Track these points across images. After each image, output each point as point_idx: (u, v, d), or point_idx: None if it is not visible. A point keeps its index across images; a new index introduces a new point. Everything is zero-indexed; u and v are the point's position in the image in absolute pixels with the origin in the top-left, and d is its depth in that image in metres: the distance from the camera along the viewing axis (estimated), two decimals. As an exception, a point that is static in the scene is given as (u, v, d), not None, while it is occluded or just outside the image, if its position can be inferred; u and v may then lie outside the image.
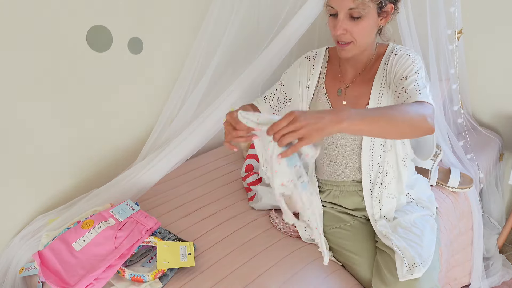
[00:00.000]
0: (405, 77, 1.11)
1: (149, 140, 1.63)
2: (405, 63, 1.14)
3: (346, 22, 1.08)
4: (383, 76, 1.19)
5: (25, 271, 1.26)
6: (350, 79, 1.25)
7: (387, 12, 1.11)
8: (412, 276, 1.07)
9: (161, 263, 1.17)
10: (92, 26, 1.41)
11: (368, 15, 1.08)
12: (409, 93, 1.06)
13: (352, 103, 1.24)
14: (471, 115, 2.10)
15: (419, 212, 1.29)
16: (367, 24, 1.09)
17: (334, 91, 1.27)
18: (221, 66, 1.60)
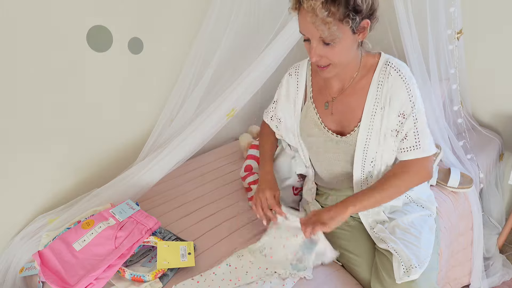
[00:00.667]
0: (403, 115, 1.13)
1: (149, 140, 1.63)
2: (401, 93, 1.11)
3: (321, 48, 1.04)
4: (377, 96, 1.15)
5: (25, 271, 1.26)
6: (337, 92, 1.21)
7: (363, 28, 1.05)
8: (408, 278, 1.07)
9: (161, 263, 1.17)
10: (92, 26, 1.41)
11: (342, 38, 1.02)
12: (409, 143, 1.14)
13: (340, 118, 1.22)
14: (471, 115, 2.10)
15: (418, 212, 1.28)
16: (342, 47, 1.04)
17: (322, 105, 1.24)
18: (221, 66, 1.60)
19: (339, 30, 1.00)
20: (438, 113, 1.63)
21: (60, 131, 1.46)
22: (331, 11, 0.96)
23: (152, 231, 1.29)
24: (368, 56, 1.17)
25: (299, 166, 1.50)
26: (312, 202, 1.38)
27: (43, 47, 1.32)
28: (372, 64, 1.16)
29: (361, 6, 0.98)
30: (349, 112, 1.20)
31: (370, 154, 1.19)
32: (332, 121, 1.23)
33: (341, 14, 0.97)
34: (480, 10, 1.91)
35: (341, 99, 1.21)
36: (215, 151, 1.95)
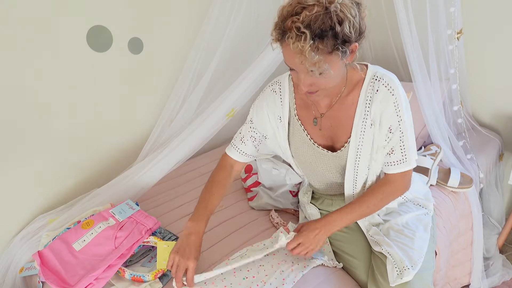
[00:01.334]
0: (390, 129, 1.11)
1: (149, 140, 1.63)
2: (389, 108, 1.08)
3: (309, 79, 0.99)
4: (365, 111, 1.11)
5: (25, 271, 1.26)
6: (325, 108, 1.17)
7: (352, 51, 0.98)
8: (401, 280, 1.07)
9: (161, 263, 1.17)
10: (92, 26, 1.41)
11: (331, 68, 0.95)
12: (395, 157, 1.14)
13: (329, 134, 1.19)
14: (471, 115, 2.10)
15: (414, 212, 1.28)
16: (332, 75, 0.97)
17: (309, 121, 1.20)
18: (221, 66, 1.60)
19: (327, 62, 0.93)
20: (438, 113, 1.63)
21: (60, 131, 1.46)
22: (319, 48, 0.90)
23: (152, 231, 1.29)
24: (354, 71, 1.12)
25: (293, 176, 1.51)
26: (308, 206, 1.38)
27: (43, 47, 1.32)
28: (358, 78, 1.12)
29: (350, 36, 0.92)
30: (338, 127, 1.17)
31: (361, 168, 1.18)
32: (321, 137, 1.21)
33: (330, 47, 0.91)
34: (480, 10, 1.91)
35: (329, 115, 1.17)
36: (215, 151, 1.95)
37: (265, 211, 1.50)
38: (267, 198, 1.48)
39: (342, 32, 0.90)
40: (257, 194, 1.52)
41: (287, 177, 1.53)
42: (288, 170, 1.55)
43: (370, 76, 1.11)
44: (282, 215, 1.47)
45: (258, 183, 1.57)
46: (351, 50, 0.97)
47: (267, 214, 1.48)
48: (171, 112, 1.65)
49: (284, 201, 1.48)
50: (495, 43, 1.93)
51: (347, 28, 0.90)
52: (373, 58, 2.23)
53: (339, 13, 0.89)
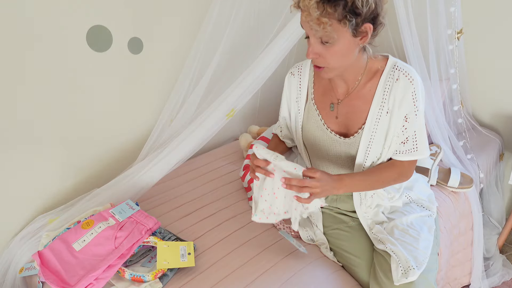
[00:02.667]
0: (405, 119, 1.13)
1: (149, 140, 1.63)
2: (408, 97, 1.10)
3: (318, 47, 1.02)
4: (383, 100, 1.13)
5: (25, 271, 1.26)
6: (343, 94, 1.20)
7: (365, 32, 1.01)
8: (406, 280, 1.07)
9: (161, 263, 1.17)
10: (92, 26, 1.41)
11: (340, 39, 0.99)
12: (408, 147, 1.16)
13: (344, 120, 1.21)
14: (471, 115, 2.10)
15: (418, 213, 1.28)
16: (339, 49, 1.01)
17: (326, 106, 1.23)
18: (221, 66, 1.60)
19: (336, 30, 0.97)
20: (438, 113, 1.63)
21: (60, 131, 1.46)
22: (327, 11, 0.94)
23: (152, 231, 1.29)
24: (374, 60, 1.15)
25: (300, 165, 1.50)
26: None
27: (43, 47, 1.32)
28: (378, 68, 1.14)
29: (361, 9, 0.95)
30: (353, 115, 1.19)
31: (371, 157, 1.19)
32: (336, 123, 1.22)
33: (339, 14, 0.95)
34: (480, 10, 1.91)
35: (346, 102, 1.19)
36: (215, 151, 1.95)
37: (265, 211, 1.50)
38: None
39: (353, 2, 0.94)
40: None
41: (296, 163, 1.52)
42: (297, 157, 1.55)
43: (391, 65, 1.13)
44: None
45: None
46: (364, 29, 1.00)
47: (267, 214, 1.48)
48: (171, 112, 1.65)
49: None
50: (495, 43, 1.93)
51: (358, 1, 0.94)
52: (373, 58, 2.22)
53: None
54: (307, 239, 1.35)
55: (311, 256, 1.28)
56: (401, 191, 1.30)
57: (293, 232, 1.37)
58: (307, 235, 1.36)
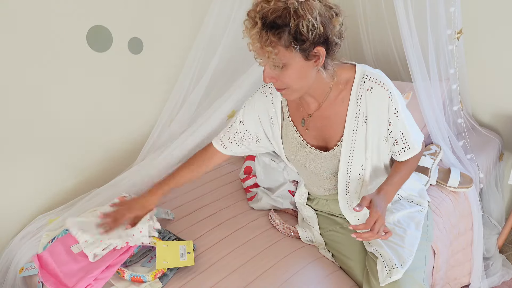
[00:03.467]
0: (389, 123, 1.11)
1: (149, 140, 1.63)
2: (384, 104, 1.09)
3: (271, 71, 1.01)
4: (357, 110, 1.11)
5: (25, 271, 1.26)
6: (313, 109, 1.17)
7: (317, 56, 0.98)
8: (390, 279, 1.07)
9: (161, 263, 1.17)
10: (92, 26, 1.41)
11: (292, 64, 0.97)
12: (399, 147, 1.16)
13: (320, 134, 1.19)
14: (471, 115, 2.10)
15: (407, 209, 1.27)
16: (293, 72, 0.99)
17: (299, 122, 1.21)
18: (221, 66, 1.60)
19: (284, 57, 0.96)
20: (438, 113, 1.63)
21: (60, 131, 1.46)
22: (271, 40, 0.93)
23: (152, 231, 1.29)
24: (341, 71, 1.11)
25: (291, 172, 1.51)
26: (304, 207, 1.39)
27: (43, 47, 1.32)
28: (348, 78, 1.11)
29: (306, 35, 0.92)
30: (329, 128, 1.17)
31: (354, 167, 1.18)
32: (313, 137, 1.20)
33: (285, 41, 0.93)
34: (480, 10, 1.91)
35: (318, 115, 1.17)
36: (215, 151, 1.95)
37: (265, 211, 1.51)
38: (266, 198, 1.48)
39: (296, 29, 0.92)
40: (256, 195, 1.52)
41: (285, 172, 1.53)
42: (285, 168, 1.55)
43: (360, 74, 1.10)
44: (281, 215, 1.48)
45: (258, 185, 1.57)
46: (316, 53, 0.97)
47: (267, 214, 1.48)
48: (171, 112, 1.65)
49: (283, 201, 1.48)
50: (495, 43, 1.93)
51: (303, 27, 0.91)
52: (373, 58, 2.22)
53: (297, 10, 0.91)
54: (306, 240, 1.35)
55: (310, 257, 1.29)
56: None
57: (293, 232, 1.38)
58: (306, 236, 1.36)
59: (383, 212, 1.04)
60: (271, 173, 1.55)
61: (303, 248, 1.32)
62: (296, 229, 1.38)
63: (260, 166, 1.56)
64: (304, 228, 1.37)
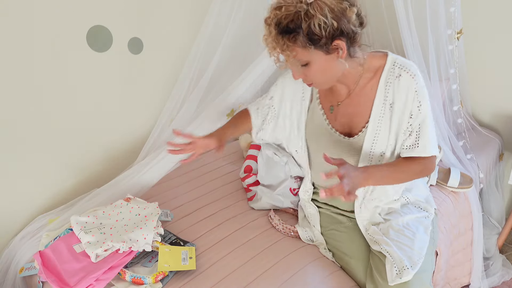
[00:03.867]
0: (410, 115, 1.12)
1: (149, 140, 1.63)
2: (410, 93, 1.10)
3: (298, 69, 1.07)
4: (385, 97, 1.13)
5: (25, 271, 1.26)
6: (343, 96, 1.20)
7: (337, 49, 1.02)
8: (401, 280, 1.07)
9: (162, 266, 1.17)
10: (92, 26, 1.41)
11: (314, 60, 1.02)
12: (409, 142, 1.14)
13: (347, 120, 1.21)
14: (471, 115, 2.10)
15: (414, 214, 1.28)
16: (318, 68, 1.04)
17: (327, 108, 1.24)
18: (221, 66, 1.60)
19: (305, 55, 1.01)
20: (438, 113, 1.63)
21: (60, 131, 1.46)
22: (287, 44, 0.99)
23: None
24: (373, 58, 1.14)
25: (293, 167, 1.51)
26: (309, 204, 1.38)
27: (43, 47, 1.32)
28: (378, 66, 1.14)
29: (319, 33, 0.96)
30: (356, 114, 1.19)
31: (376, 155, 1.18)
32: (339, 123, 1.22)
33: (301, 42, 0.99)
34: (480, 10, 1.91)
35: (347, 103, 1.19)
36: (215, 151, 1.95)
37: (265, 211, 1.50)
38: (266, 198, 1.48)
39: (309, 30, 0.96)
40: (256, 194, 1.52)
41: (287, 166, 1.53)
42: (289, 158, 1.54)
43: (391, 62, 1.13)
44: (281, 215, 1.48)
45: (258, 183, 1.57)
46: (335, 46, 1.01)
47: (267, 214, 1.48)
48: (171, 112, 1.65)
49: (284, 200, 1.48)
50: (495, 43, 1.93)
51: (315, 27, 0.96)
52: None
53: (307, 12, 0.96)
54: (306, 239, 1.35)
55: (311, 256, 1.29)
56: (400, 193, 1.30)
57: (292, 232, 1.37)
58: (306, 235, 1.36)
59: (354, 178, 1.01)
60: (273, 169, 1.55)
61: (303, 248, 1.32)
62: (296, 228, 1.38)
63: (263, 160, 1.56)
64: (304, 228, 1.37)
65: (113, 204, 1.36)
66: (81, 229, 1.22)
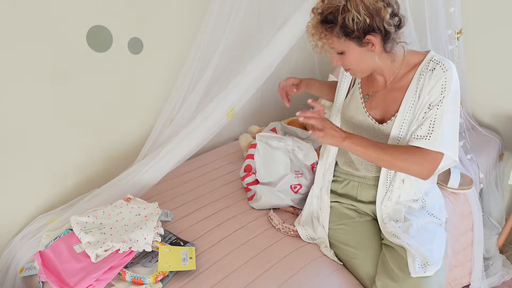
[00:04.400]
0: (429, 106, 1.14)
1: (149, 140, 1.63)
2: (437, 83, 1.13)
3: (336, 56, 1.18)
4: (417, 87, 1.18)
5: (25, 271, 1.26)
6: (379, 87, 1.27)
7: (370, 43, 1.11)
8: (424, 273, 1.09)
9: (162, 266, 1.17)
10: (92, 26, 1.41)
11: (349, 51, 1.14)
12: (421, 132, 1.14)
13: (380, 109, 1.27)
14: (471, 115, 2.10)
15: (429, 219, 1.29)
16: (352, 58, 1.15)
17: (364, 95, 1.32)
18: (221, 66, 1.60)
19: (340, 45, 1.12)
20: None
21: (60, 131, 1.46)
22: (325, 33, 1.11)
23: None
24: (413, 54, 1.22)
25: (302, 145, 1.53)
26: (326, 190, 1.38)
27: (43, 47, 1.32)
28: (417, 61, 1.20)
29: (352, 27, 1.07)
30: (389, 104, 1.25)
31: (402, 142, 1.21)
32: (372, 110, 1.29)
33: (336, 33, 1.10)
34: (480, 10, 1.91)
35: (383, 93, 1.27)
36: (215, 151, 1.95)
37: (265, 210, 1.51)
38: (266, 197, 1.48)
39: (343, 23, 1.08)
40: (255, 194, 1.52)
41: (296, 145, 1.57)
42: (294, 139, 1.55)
43: (429, 58, 1.19)
44: (280, 215, 1.48)
45: (257, 182, 1.57)
46: (368, 40, 1.11)
47: (267, 214, 1.48)
48: (171, 112, 1.65)
49: (284, 197, 1.48)
50: (495, 43, 1.94)
51: (349, 21, 1.07)
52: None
53: (345, 6, 1.07)
54: (306, 238, 1.35)
55: (311, 256, 1.29)
56: (421, 194, 1.31)
57: (292, 231, 1.37)
58: (306, 234, 1.36)
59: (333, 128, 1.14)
60: (271, 164, 1.55)
61: (304, 247, 1.32)
62: (295, 228, 1.38)
63: (260, 156, 1.57)
64: (304, 226, 1.37)
65: (113, 204, 1.36)
66: (81, 229, 1.22)
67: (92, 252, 1.16)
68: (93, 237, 1.20)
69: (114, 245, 1.17)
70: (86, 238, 1.20)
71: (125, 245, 1.18)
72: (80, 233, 1.21)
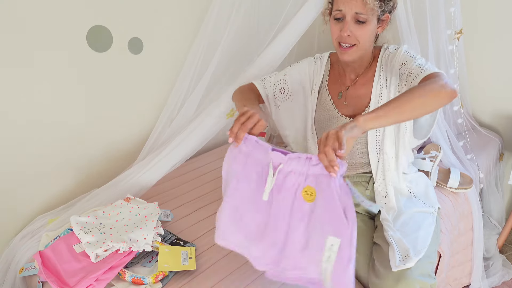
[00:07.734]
0: (403, 63, 1.19)
1: (149, 140, 1.63)
2: (399, 54, 1.21)
3: (352, 25, 1.16)
4: (381, 74, 1.26)
5: (25, 271, 1.26)
6: (350, 82, 1.32)
7: (384, 21, 1.21)
8: (404, 266, 1.09)
9: (162, 266, 1.17)
10: (92, 26, 1.41)
11: (371, 21, 1.17)
12: (414, 74, 1.14)
13: (353, 103, 1.30)
14: (471, 115, 2.10)
15: (419, 208, 1.31)
16: (370, 29, 1.18)
17: (335, 94, 1.34)
18: (221, 66, 1.60)
19: (371, 12, 1.14)
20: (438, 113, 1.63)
21: (60, 131, 1.46)
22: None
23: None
24: (376, 49, 1.30)
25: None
26: None
27: (43, 47, 1.32)
28: (377, 54, 1.29)
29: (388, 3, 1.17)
30: (361, 98, 1.28)
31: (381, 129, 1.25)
32: (345, 108, 1.31)
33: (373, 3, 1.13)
34: (480, 10, 1.91)
35: (353, 88, 1.30)
36: (215, 151, 1.95)
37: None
38: None
39: None
40: None
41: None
42: None
43: (384, 47, 1.29)
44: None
45: None
46: (384, 18, 1.19)
47: (267, 214, 1.48)
48: (171, 112, 1.65)
49: None
50: (495, 43, 1.94)
51: None
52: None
53: None
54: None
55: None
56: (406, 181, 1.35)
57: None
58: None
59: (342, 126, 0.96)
60: None
61: (303, 248, 1.32)
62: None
63: None
64: None
65: (113, 204, 1.36)
66: (81, 229, 1.22)
67: (92, 252, 1.16)
68: (93, 237, 1.20)
69: (114, 245, 1.17)
70: (86, 238, 1.19)
71: (125, 245, 1.18)
72: (80, 233, 1.21)
